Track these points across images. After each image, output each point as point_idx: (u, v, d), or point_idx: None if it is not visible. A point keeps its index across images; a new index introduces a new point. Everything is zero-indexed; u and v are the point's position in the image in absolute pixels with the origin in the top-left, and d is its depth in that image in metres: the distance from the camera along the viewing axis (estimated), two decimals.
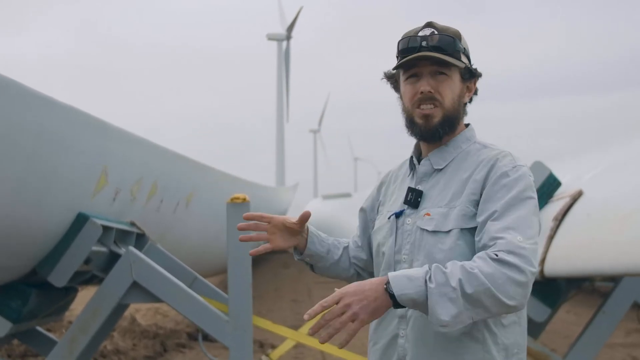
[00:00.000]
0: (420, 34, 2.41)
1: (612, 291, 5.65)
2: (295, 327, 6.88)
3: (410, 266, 2.35)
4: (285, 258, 27.72)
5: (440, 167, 2.42)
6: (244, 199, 5.21)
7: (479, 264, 2.12)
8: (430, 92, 2.38)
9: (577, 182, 5.40)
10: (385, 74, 2.53)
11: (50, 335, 5.67)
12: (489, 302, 2.10)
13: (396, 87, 2.52)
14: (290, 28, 42.97)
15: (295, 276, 20.62)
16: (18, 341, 7.04)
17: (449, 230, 2.31)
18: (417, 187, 2.43)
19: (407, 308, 2.26)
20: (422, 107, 2.40)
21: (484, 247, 2.20)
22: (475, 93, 2.50)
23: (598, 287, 11.55)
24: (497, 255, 2.12)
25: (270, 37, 43.61)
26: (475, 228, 2.30)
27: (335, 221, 23.66)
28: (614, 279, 5.92)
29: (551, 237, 4.96)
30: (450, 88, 2.40)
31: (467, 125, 2.50)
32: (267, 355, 5.93)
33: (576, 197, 5.06)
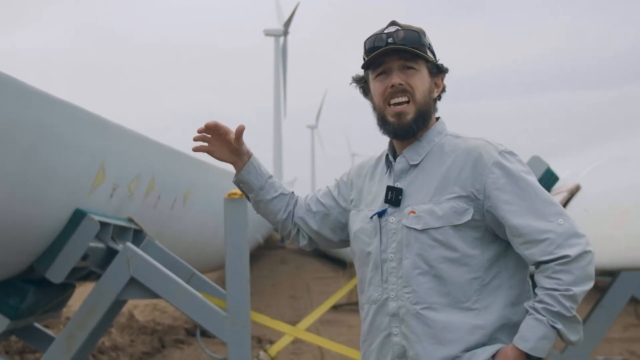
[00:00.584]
0: (386, 31, 2.44)
1: (610, 286, 5.66)
2: (293, 323, 6.88)
3: (399, 264, 2.37)
4: (283, 254, 27.74)
5: (416, 163, 2.43)
6: (242, 195, 5.20)
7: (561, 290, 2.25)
8: (401, 84, 2.40)
9: (575, 177, 5.40)
10: (353, 78, 2.56)
11: (48, 331, 5.66)
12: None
13: (365, 91, 2.54)
14: (288, 24, 42.95)
15: (293, 272, 20.64)
16: (16, 337, 7.03)
17: (439, 227, 2.33)
18: (396, 185, 2.43)
19: (398, 307, 2.35)
20: (393, 101, 2.41)
21: (540, 258, 2.28)
22: (444, 90, 2.51)
23: (595, 282, 11.54)
24: (568, 289, 2.24)
25: (268, 33, 43.58)
26: (466, 223, 2.32)
27: None
28: (612, 274, 5.93)
29: None
30: (421, 81, 2.42)
31: (437, 118, 2.51)
32: (265, 350, 5.93)
33: (574, 192, 5.06)
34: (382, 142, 2.60)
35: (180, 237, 7.81)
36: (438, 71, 2.47)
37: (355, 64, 2.57)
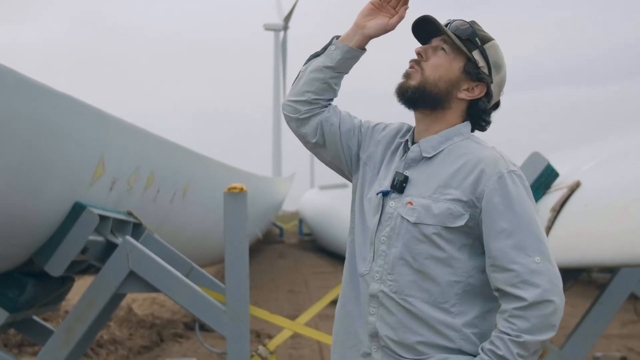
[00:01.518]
0: (452, 18, 2.44)
1: (609, 282, 5.66)
2: (292, 318, 6.89)
3: (388, 249, 2.36)
4: (281, 248, 27.74)
5: (429, 156, 2.39)
6: (242, 189, 5.20)
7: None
8: (420, 54, 2.39)
9: (575, 173, 5.40)
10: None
11: (47, 324, 5.66)
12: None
13: None
14: (288, 18, 42.91)
15: (291, 267, 20.63)
16: (14, 331, 7.03)
17: (431, 225, 2.31)
18: (404, 172, 2.41)
19: (379, 289, 2.34)
20: (409, 64, 2.41)
21: (501, 285, 2.26)
22: (486, 104, 2.42)
23: (595, 279, 11.57)
24: (519, 336, 2.21)
25: (268, 27, 43.57)
26: (458, 228, 2.30)
27: (332, 211, 23.65)
28: (611, 270, 5.93)
29: (549, 228, 4.95)
30: (441, 64, 2.38)
31: (465, 121, 2.46)
32: (264, 345, 5.93)
33: (574, 188, 5.06)
34: None
35: (179, 231, 7.81)
36: (475, 75, 2.39)
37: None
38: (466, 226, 2.31)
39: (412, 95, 2.38)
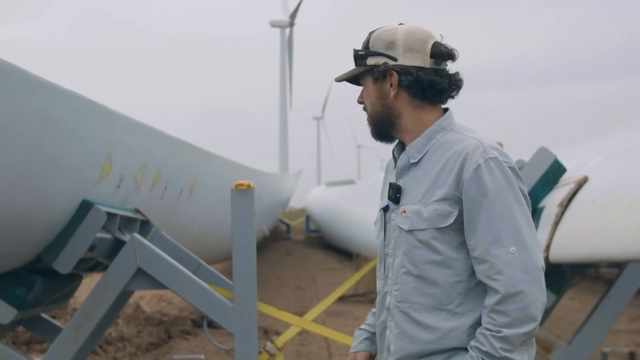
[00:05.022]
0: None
1: (617, 277, 5.64)
2: (300, 314, 6.89)
3: (394, 261, 2.40)
4: (288, 245, 27.75)
5: (415, 161, 2.41)
6: (249, 186, 5.20)
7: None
8: (361, 102, 2.50)
9: (582, 168, 5.38)
10: None
11: (55, 322, 5.67)
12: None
13: None
14: (294, 15, 42.86)
15: (298, 263, 20.65)
16: (23, 328, 7.05)
17: (424, 229, 2.33)
18: (397, 182, 2.44)
19: (390, 302, 2.40)
20: None
21: (480, 277, 2.29)
22: (417, 81, 2.39)
23: (602, 274, 11.54)
24: (499, 331, 2.23)
25: (274, 24, 43.54)
26: (450, 227, 2.32)
27: (339, 208, 23.68)
28: (619, 265, 5.91)
29: (556, 223, 4.94)
30: (367, 95, 2.47)
31: (445, 110, 2.46)
32: (272, 341, 5.94)
33: (581, 183, 5.04)
34: None
35: (186, 228, 7.82)
36: (381, 74, 2.41)
37: None
38: (456, 223, 2.32)
39: (375, 136, 2.48)
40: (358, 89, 2.52)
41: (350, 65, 2.53)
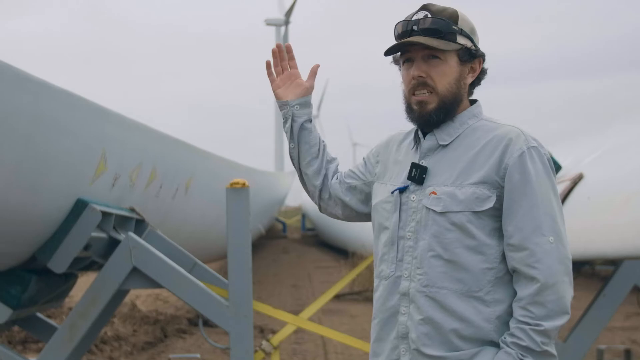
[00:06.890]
0: (414, 17, 2.38)
1: (612, 274, 5.65)
2: (295, 312, 6.89)
3: (416, 244, 2.33)
4: (284, 243, 27.75)
5: (446, 143, 2.38)
6: (244, 184, 5.19)
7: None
8: (422, 76, 2.36)
9: (577, 165, 5.39)
10: (393, 58, 2.49)
11: (51, 321, 5.66)
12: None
13: None
14: (289, 13, 42.82)
15: (294, 262, 20.65)
16: (18, 327, 7.04)
17: (459, 212, 2.28)
18: (421, 163, 2.39)
19: (409, 287, 2.32)
20: (416, 93, 2.37)
21: (516, 265, 2.26)
22: (483, 73, 2.45)
23: (598, 271, 11.58)
24: (538, 324, 2.20)
25: (269, 22, 43.46)
26: (486, 211, 2.28)
27: None
28: (615, 263, 5.92)
29: None
30: (444, 72, 2.36)
31: (474, 101, 2.46)
32: (268, 340, 5.93)
33: (577, 181, 5.05)
34: (383, 132, 2.60)
35: (182, 226, 7.81)
36: (471, 57, 2.39)
37: (356, 54, 2.55)
38: (494, 208, 2.29)
39: (437, 118, 2.37)
40: (358, 89, 2.52)
41: (350, 66, 2.53)
